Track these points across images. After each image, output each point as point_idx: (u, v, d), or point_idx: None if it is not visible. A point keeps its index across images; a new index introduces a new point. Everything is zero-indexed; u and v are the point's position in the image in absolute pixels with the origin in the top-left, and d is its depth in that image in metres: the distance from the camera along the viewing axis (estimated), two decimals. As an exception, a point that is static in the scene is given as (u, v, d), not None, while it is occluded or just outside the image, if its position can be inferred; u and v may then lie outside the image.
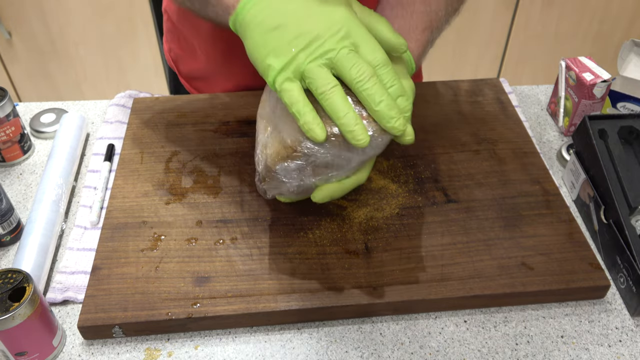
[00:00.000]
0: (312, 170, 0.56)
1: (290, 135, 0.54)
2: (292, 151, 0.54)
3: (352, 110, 0.52)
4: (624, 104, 0.84)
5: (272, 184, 0.59)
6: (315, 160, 0.55)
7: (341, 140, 0.53)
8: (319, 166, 0.56)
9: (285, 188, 0.59)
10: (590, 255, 0.65)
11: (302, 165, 0.55)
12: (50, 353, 0.59)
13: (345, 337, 0.61)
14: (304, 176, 0.56)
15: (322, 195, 0.60)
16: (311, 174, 0.56)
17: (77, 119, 0.82)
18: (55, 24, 1.69)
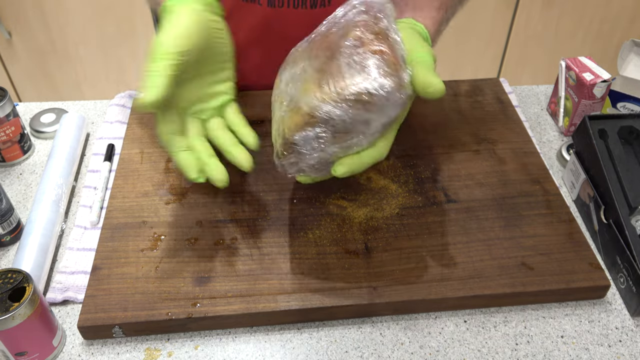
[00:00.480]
0: (332, 137, 0.54)
1: (307, 102, 0.53)
2: (310, 117, 0.53)
3: None
4: (624, 103, 0.84)
5: (291, 158, 0.57)
6: (335, 125, 0.53)
7: (359, 101, 0.52)
8: (338, 132, 0.54)
9: (305, 162, 0.57)
10: (590, 255, 0.65)
11: (321, 132, 0.53)
12: (50, 353, 0.59)
13: (345, 337, 0.61)
14: (324, 144, 0.54)
15: (343, 169, 0.57)
16: (331, 141, 0.54)
17: (77, 119, 0.82)
18: (55, 24, 1.69)
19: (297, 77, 0.56)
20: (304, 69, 0.57)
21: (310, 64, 0.57)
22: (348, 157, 0.57)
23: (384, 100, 0.52)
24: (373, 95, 0.52)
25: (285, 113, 0.57)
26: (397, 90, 0.52)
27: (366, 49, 0.53)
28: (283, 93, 0.59)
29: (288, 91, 0.57)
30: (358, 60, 0.53)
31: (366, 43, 0.53)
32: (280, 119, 0.57)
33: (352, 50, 0.53)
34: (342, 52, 0.54)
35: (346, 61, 0.53)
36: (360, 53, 0.53)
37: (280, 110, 0.58)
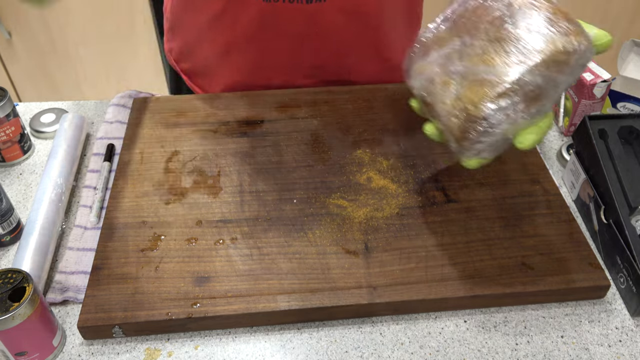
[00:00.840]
0: (525, 104, 0.52)
1: (494, 72, 0.51)
2: (502, 86, 0.51)
3: None
4: (624, 103, 0.84)
5: (477, 137, 0.53)
6: (527, 92, 0.51)
7: (556, 62, 0.50)
8: (530, 98, 0.52)
9: (490, 138, 0.53)
10: (590, 255, 0.65)
11: (514, 101, 0.51)
12: (50, 353, 0.59)
13: (345, 337, 0.61)
14: (516, 113, 0.52)
15: (531, 139, 0.54)
16: (522, 109, 0.52)
17: (77, 119, 0.82)
18: (55, 24, 1.69)
19: (460, 53, 0.54)
20: (466, 44, 0.55)
21: (474, 38, 0.54)
22: (532, 127, 0.54)
23: (578, 58, 0.51)
24: (571, 53, 0.50)
25: (461, 90, 0.53)
26: (588, 49, 0.51)
27: (544, 9, 0.51)
28: (442, 75, 0.56)
29: (453, 70, 0.55)
30: (540, 20, 0.50)
31: (539, 4, 0.51)
32: (456, 98, 0.54)
33: (527, 12, 0.51)
34: (516, 15, 0.51)
35: (526, 23, 0.51)
36: (540, 14, 0.51)
37: (451, 91, 0.54)
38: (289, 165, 0.75)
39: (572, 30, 0.50)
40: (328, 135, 0.80)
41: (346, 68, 0.86)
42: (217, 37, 0.83)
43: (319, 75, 0.87)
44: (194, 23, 0.85)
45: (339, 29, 0.80)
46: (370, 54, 0.85)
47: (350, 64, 0.86)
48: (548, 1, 0.52)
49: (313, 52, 0.82)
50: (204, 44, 0.86)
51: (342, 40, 0.81)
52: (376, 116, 0.83)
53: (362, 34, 0.82)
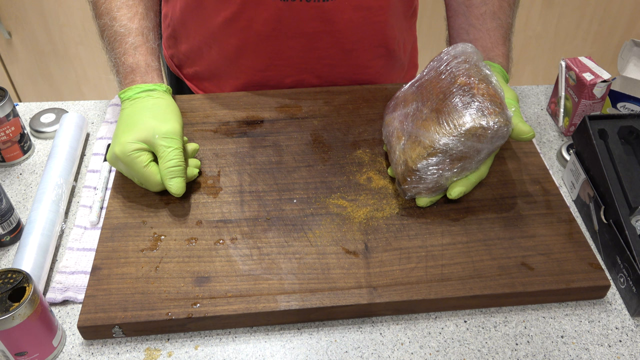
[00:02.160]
0: (449, 164, 0.65)
1: (428, 137, 0.65)
2: (431, 149, 0.64)
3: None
4: (624, 103, 0.84)
5: (412, 183, 0.67)
6: (452, 155, 0.64)
7: (474, 134, 0.63)
8: (454, 159, 0.65)
9: (424, 185, 0.67)
10: (590, 255, 0.65)
11: (440, 160, 0.65)
12: (50, 353, 0.59)
13: (345, 337, 0.61)
14: (442, 170, 0.66)
15: (458, 190, 0.68)
16: (448, 168, 0.66)
17: (77, 119, 0.82)
18: (55, 24, 1.69)
19: (412, 116, 0.69)
20: (418, 109, 0.69)
21: (424, 105, 0.68)
22: (460, 180, 0.68)
23: (493, 134, 0.63)
24: (486, 129, 0.63)
25: (406, 146, 0.68)
26: (505, 125, 0.63)
27: (476, 91, 0.64)
28: (399, 130, 0.70)
29: (405, 128, 0.69)
30: (469, 100, 0.64)
31: (474, 87, 0.65)
32: (402, 151, 0.68)
33: (463, 93, 0.65)
34: (454, 94, 0.65)
35: (459, 101, 0.64)
36: (471, 95, 0.64)
37: (399, 144, 0.69)
38: (289, 165, 0.75)
39: (492, 111, 0.63)
40: (328, 135, 0.80)
41: (355, 66, 0.86)
42: (229, 39, 0.83)
43: (329, 75, 0.87)
44: (203, 27, 0.84)
45: (351, 25, 0.80)
46: (377, 49, 0.85)
47: (358, 61, 0.86)
48: (485, 84, 0.65)
49: (325, 51, 0.83)
50: (213, 47, 0.85)
51: (353, 36, 0.82)
52: (376, 116, 0.83)
53: (370, 29, 0.82)
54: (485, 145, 0.64)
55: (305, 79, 0.87)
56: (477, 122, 0.63)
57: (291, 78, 0.86)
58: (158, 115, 0.69)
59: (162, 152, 0.66)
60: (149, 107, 0.70)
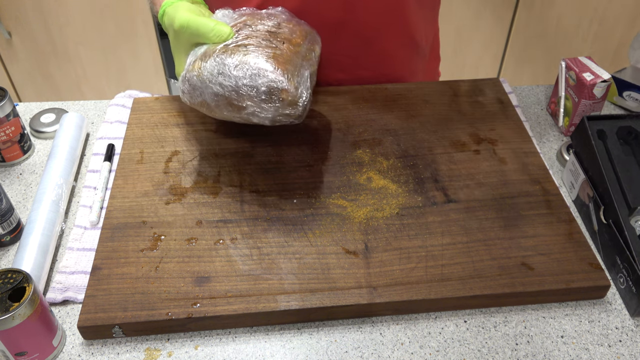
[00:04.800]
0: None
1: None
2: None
3: None
4: (630, 92, 0.84)
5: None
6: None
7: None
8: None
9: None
10: (590, 255, 0.65)
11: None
12: (50, 353, 0.59)
13: (345, 337, 0.61)
14: None
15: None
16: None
17: (77, 119, 0.82)
18: (55, 24, 1.69)
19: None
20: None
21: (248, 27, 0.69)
22: None
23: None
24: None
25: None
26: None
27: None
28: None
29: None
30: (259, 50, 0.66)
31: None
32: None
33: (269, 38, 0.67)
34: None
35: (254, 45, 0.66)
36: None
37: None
38: (289, 165, 0.75)
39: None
40: (328, 135, 0.80)
41: (378, 56, 0.86)
42: None
43: (353, 68, 0.87)
44: None
45: (373, 13, 0.80)
46: (400, 38, 0.85)
47: (382, 51, 0.86)
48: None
49: (349, 41, 0.83)
50: None
51: (375, 25, 0.82)
52: (376, 116, 0.83)
53: (392, 17, 0.82)
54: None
55: (330, 73, 0.87)
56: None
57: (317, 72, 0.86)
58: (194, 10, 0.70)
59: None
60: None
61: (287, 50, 0.67)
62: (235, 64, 0.64)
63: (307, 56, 0.70)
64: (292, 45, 0.68)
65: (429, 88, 0.88)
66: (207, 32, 0.67)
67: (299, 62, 0.68)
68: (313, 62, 0.72)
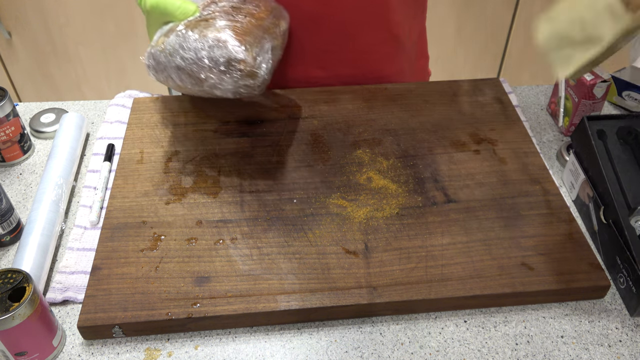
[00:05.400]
0: None
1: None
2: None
3: None
4: (629, 92, 0.84)
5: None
6: None
7: None
8: None
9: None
10: (590, 255, 0.65)
11: None
12: (50, 353, 0.59)
13: (345, 337, 0.61)
14: None
15: None
16: None
17: (77, 119, 0.82)
18: (55, 24, 1.69)
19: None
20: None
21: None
22: None
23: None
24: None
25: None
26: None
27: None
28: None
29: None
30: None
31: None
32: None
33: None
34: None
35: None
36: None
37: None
38: (289, 165, 0.75)
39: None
40: (328, 135, 0.80)
41: (359, 52, 0.86)
42: None
43: (332, 65, 0.86)
44: None
45: (352, 8, 0.80)
46: (380, 33, 0.85)
47: (362, 47, 0.85)
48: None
49: (327, 35, 0.82)
50: None
51: (354, 20, 0.82)
52: (376, 116, 0.83)
53: (371, 11, 0.82)
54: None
55: (308, 69, 0.87)
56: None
57: (295, 69, 0.86)
58: None
59: None
60: None
61: (247, 23, 0.68)
62: (195, 37, 0.65)
63: (270, 29, 0.71)
64: (254, 19, 0.69)
65: (429, 88, 0.88)
66: (174, 10, 0.69)
67: (260, 34, 0.68)
68: (277, 36, 0.72)
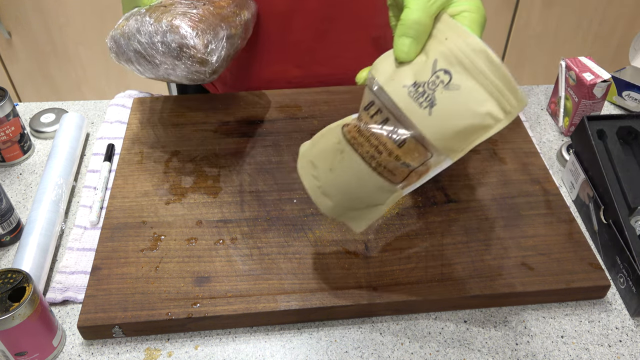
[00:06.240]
0: None
1: None
2: None
3: None
4: (629, 92, 0.84)
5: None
6: None
7: None
8: None
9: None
10: (590, 255, 0.65)
11: None
12: (50, 353, 0.59)
13: (345, 337, 0.61)
14: None
15: None
16: None
17: (77, 119, 0.82)
18: (55, 24, 1.69)
19: None
20: None
21: None
22: None
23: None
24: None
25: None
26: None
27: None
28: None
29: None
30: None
31: None
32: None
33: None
34: None
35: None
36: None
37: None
38: (289, 165, 0.75)
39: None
40: (328, 135, 0.80)
41: (333, 50, 0.85)
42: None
43: (309, 63, 0.86)
44: None
45: (324, 3, 0.79)
46: (355, 30, 0.84)
47: (336, 44, 0.85)
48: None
49: (301, 32, 0.82)
50: None
51: (327, 16, 0.81)
52: (376, 116, 0.83)
53: (344, 7, 0.81)
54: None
55: (286, 69, 0.86)
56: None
57: (271, 68, 0.86)
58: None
59: None
60: None
61: (204, 11, 0.68)
62: (151, 22, 0.66)
63: (228, 18, 0.71)
64: (212, 7, 0.70)
65: (429, 88, 0.88)
66: None
67: (216, 22, 0.69)
68: (236, 25, 0.72)
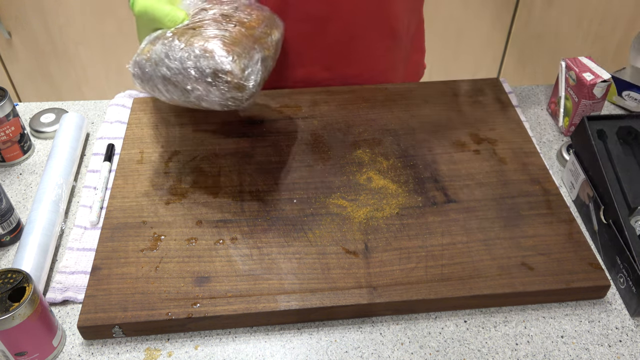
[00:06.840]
0: None
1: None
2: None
3: None
4: (629, 92, 0.84)
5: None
6: None
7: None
8: None
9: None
10: (590, 255, 0.65)
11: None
12: (50, 353, 0.59)
13: (345, 337, 0.61)
14: None
15: None
16: None
17: (77, 119, 0.82)
18: (55, 24, 1.69)
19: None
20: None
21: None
22: None
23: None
24: None
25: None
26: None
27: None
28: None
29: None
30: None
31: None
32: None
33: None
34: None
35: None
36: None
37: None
38: (289, 165, 0.75)
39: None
40: (328, 135, 0.80)
41: (361, 52, 0.86)
42: None
43: (338, 66, 0.87)
44: None
45: (358, 9, 0.80)
46: (380, 30, 0.85)
47: (364, 46, 0.85)
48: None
49: (334, 36, 0.82)
50: None
51: (360, 21, 0.82)
52: (376, 116, 0.83)
53: (377, 10, 0.82)
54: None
55: (315, 72, 0.87)
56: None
57: (301, 71, 0.86)
58: None
59: None
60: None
61: (237, 33, 0.65)
62: (181, 46, 0.62)
63: (261, 39, 0.68)
64: (244, 28, 0.66)
65: (429, 88, 0.88)
66: (162, 17, 0.66)
67: (250, 44, 0.65)
68: (268, 46, 0.69)
